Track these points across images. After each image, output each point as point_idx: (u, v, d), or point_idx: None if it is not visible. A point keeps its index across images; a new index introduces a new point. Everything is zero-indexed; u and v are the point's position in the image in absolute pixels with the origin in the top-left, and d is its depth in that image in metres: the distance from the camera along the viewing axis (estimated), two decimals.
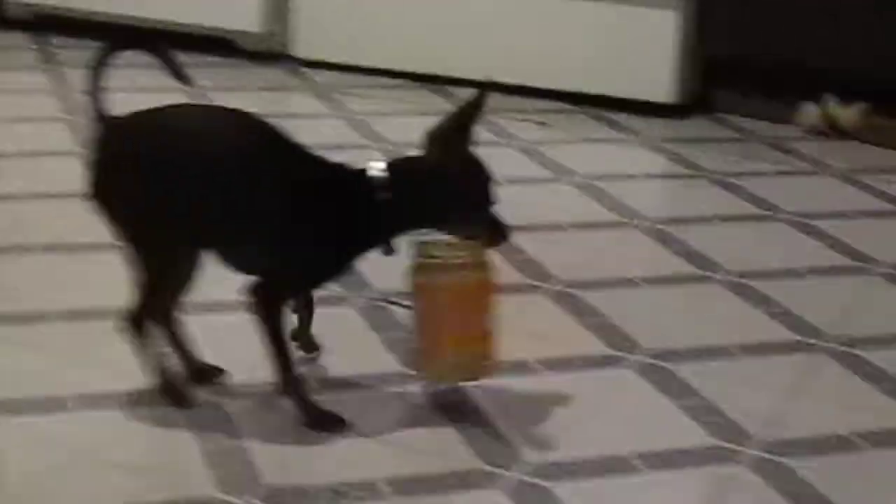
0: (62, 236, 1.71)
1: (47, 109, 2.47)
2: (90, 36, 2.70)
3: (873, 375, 1.42)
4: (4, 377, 1.22)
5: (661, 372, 1.42)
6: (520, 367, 1.37)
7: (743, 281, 1.76)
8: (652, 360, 1.44)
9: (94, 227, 1.29)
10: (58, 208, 1.83)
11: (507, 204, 1.44)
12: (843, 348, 1.51)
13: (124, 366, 1.19)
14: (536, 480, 1.14)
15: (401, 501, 1.08)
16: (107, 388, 1.22)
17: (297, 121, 2.45)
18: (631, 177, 2.30)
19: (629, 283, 1.75)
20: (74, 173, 1.43)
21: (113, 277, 1.35)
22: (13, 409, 1.13)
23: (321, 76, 2.87)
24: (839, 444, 1.25)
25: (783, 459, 1.21)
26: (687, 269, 1.80)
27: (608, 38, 2.59)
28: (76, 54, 2.75)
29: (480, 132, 1.79)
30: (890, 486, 1.23)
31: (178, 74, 1.20)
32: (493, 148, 2.23)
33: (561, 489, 1.14)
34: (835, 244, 1.86)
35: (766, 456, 1.23)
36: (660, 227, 1.92)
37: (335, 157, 1.33)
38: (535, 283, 1.71)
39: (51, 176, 2.01)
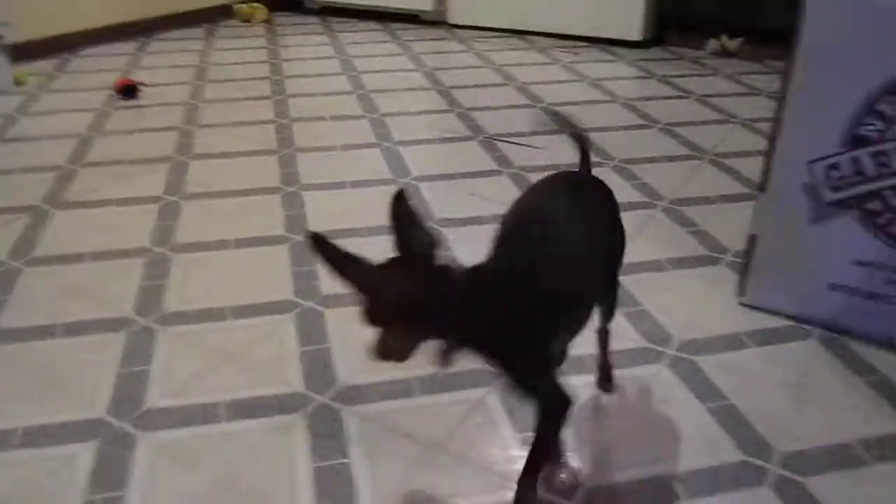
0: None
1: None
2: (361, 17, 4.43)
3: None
4: None
5: None
6: None
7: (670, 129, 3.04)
8: None
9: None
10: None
11: (560, 92, 2.87)
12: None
13: None
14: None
15: None
16: None
17: (454, 64, 3.90)
18: (618, 78, 3.57)
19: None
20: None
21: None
22: None
23: (468, 34, 4.38)
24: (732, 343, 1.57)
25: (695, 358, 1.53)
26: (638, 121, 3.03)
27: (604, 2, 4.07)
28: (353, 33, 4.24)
29: (536, 58, 3.08)
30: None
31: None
32: (546, 66, 3.70)
33: None
34: (715, 107, 3.11)
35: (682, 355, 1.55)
36: (633, 103, 3.17)
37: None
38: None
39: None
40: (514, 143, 2.71)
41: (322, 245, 0.93)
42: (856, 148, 1.53)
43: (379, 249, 1.85)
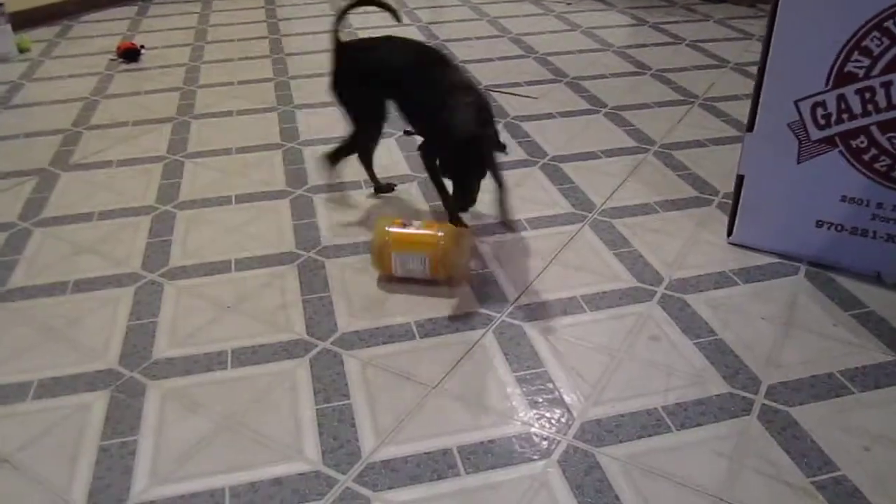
0: None
1: None
2: None
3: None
4: None
5: (606, 224, 1.80)
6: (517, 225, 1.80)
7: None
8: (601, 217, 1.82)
9: None
10: None
11: (554, 42, 2.79)
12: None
13: None
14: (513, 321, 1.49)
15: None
16: None
17: (448, 18, 3.79)
18: (611, 27, 3.50)
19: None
20: None
21: None
22: None
23: None
24: (720, 281, 2.24)
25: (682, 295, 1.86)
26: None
27: None
28: None
29: (530, 9, 2.96)
30: None
31: (393, 14, 1.81)
32: (540, 17, 3.61)
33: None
34: (707, 52, 3.06)
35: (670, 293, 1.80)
36: (625, 50, 3.11)
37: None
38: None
39: None
40: (509, 93, 2.67)
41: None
42: (842, 85, 1.50)
43: (378, 200, 1.84)
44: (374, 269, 1.62)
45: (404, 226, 1.57)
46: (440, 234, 1.54)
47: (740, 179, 1.69)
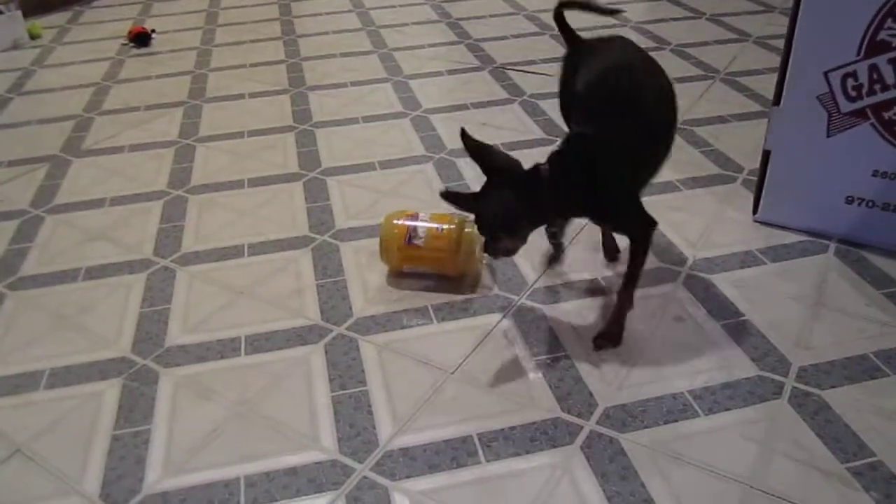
0: None
1: None
2: None
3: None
4: None
5: None
6: None
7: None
8: None
9: None
10: None
11: (571, 18, 2.79)
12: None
13: None
14: None
15: None
16: None
17: None
18: (630, 1, 3.23)
19: None
20: None
21: None
22: None
23: None
24: (747, 260, 2.07)
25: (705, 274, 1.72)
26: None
27: None
28: None
29: None
30: None
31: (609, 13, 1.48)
32: None
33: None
34: (728, 26, 2.98)
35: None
36: (644, 26, 2.97)
37: None
38: None
39: None
40: (525, 70, 2.61)
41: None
42: (874, 55, 1.43)
43: (391, 181, 1.80)
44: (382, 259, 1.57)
45: (412, 217, 1.50)
46: (448, 244, 1.46)
47: (766, 155, 1.63)
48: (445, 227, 1.48)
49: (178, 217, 1.82)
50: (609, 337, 1.31)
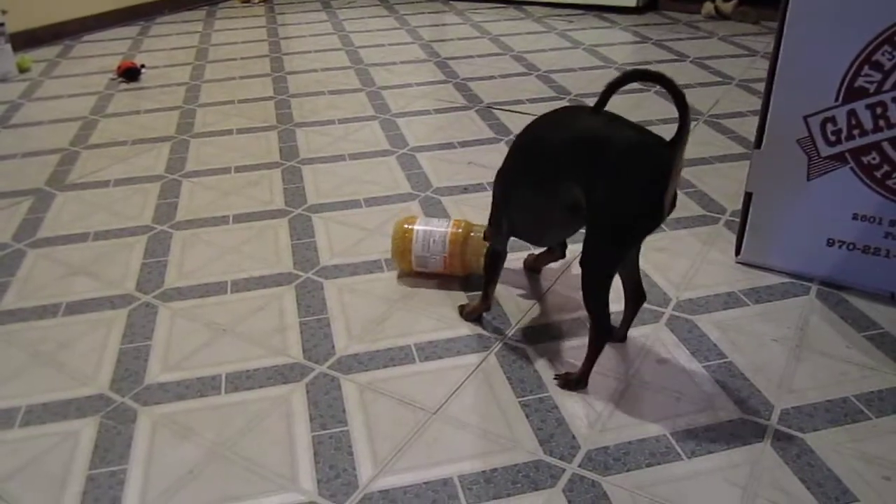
0: None
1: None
2: None
3: None
4: None
5: None
6: None
7: None
8: None
9: None
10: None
11: (557, 60, 2.77)
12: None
13: None
14: None
15: None
16: None
17: (450, 36, 3.80)
18: (614, 44, 3.46)
19: None
20: None
21: None
22: None
23: (464, 5, 4.27)
24: (730, 301, 2.21)
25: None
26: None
27: None
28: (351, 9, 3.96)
29: (532, 27, 2.91)
30: None
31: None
32: (542, 34, 3.61)
33: None
34: (711, 69, 3.02)
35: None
36: (629, 68, 3.06)
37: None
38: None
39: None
40: (512, 110, 2.64)
41: None
42: (852, 100, 1.46)
43: (377, 219, 1.81)
44: (394, 262, 1.64)
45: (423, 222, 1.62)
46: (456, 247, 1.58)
47: (748, 197, 1.65)
48: (454, 230, 1.58)
49: (161, 252, 1.81)
50: (569, 384, 1.31)
